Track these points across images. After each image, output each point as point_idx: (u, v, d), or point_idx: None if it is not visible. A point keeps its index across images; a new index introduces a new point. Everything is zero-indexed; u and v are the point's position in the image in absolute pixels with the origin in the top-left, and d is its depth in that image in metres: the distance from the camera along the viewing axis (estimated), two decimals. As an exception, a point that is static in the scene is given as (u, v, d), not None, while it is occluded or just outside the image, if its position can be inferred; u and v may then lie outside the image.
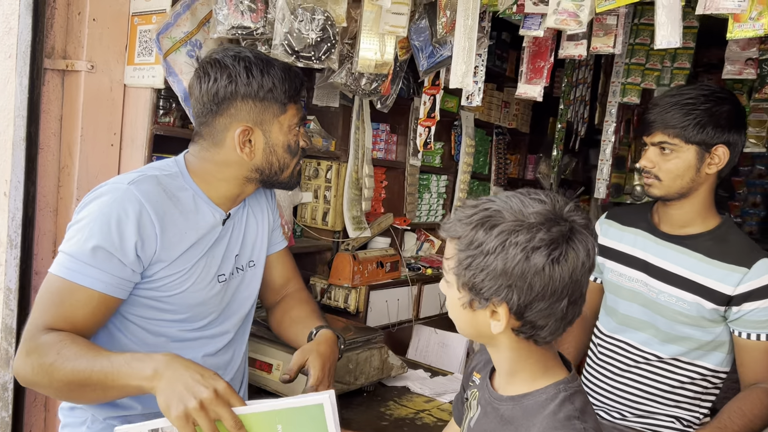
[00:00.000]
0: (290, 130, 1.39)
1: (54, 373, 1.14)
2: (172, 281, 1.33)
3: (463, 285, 0.98)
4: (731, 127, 1.58)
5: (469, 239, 0.96)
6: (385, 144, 2.89)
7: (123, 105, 1.90)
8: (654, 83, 3.22)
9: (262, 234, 1.56)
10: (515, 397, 1.04)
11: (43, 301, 1.21)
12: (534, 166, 4.33)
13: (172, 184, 1.34)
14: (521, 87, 2.20)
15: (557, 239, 0.94)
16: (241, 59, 1.33)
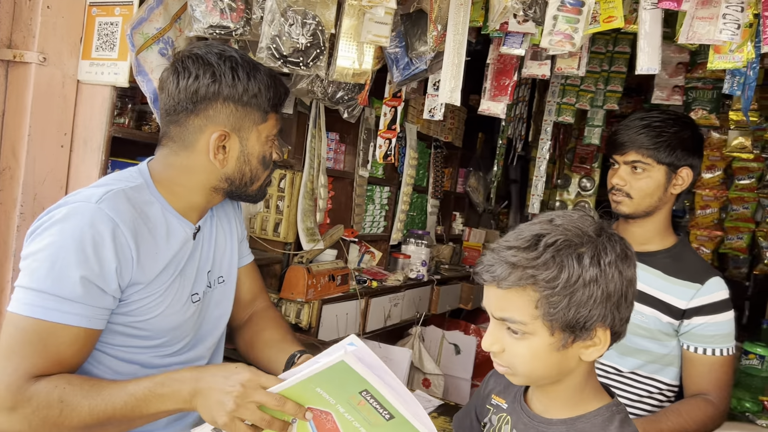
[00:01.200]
0: (267, 141, 1.31)
1: (65, 422, 1.03)
2: (146, 305, 1.21)
3: (563, 327, 0.94)
4: (694, 151, 1.69)
5: (559, 278, 0.92)
6: (334, 153, 2.82)
7: (75, 103, 1.73)
8: (588, 104, 3.36)
9: (231, 247, 1.46)
10: (567, 420, 1.03)
11: (18, 347, 1.06)
12: (464, 180, 4.40)
13: (138, 198, 1.22)
14: (485, 103, 2.22)
15: (619, 242, 0.97)
16: (227, 58, 1.23)
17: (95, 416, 1.05)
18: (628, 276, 0.97)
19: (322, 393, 1.04)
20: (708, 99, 3.12)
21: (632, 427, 1.01)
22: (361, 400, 1.01)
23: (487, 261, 0.97)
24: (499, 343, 0.98)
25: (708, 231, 4.01)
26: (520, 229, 0.99)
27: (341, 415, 1.05)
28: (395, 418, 1.02)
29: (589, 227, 0.97)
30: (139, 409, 1.07)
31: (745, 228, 3.92)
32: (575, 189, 4.61)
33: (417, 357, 3.24)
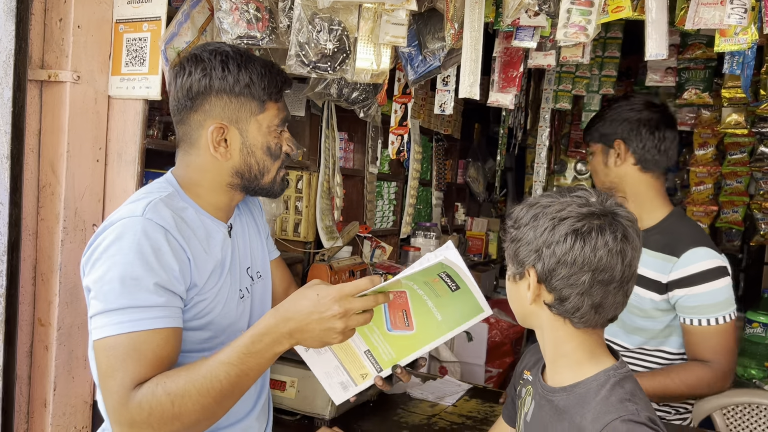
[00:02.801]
0: (270, 131, 1.32)
1: (183, 411, 1.08)
2: (206, 306, 1.27)
3: (510, 258, 1.12)
4: (626, 122, 1.80)
5: (513, 218, 1.11)
6: (343, 152, 2.89)
7: (108, 118, 1.78)
8: (584, 90, 3.45)
9: (261, 243, 1.52)
10: (567, 388, 1.10)
11: (118, 363, 1.10)
12: (463, 171, 4.48)
13: (174, 205, 1.27)
14: (493, 95, 2.29)
15: (586, 216, 1.03)
16: (219, 53, 1.28)
17: (206, 396, 1.09)
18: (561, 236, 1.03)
19: (407, 282, 1.15)
20: (700, 79, 3.23)
21: (625, 389, 1.05)
22: (437, 279, 1.14)
23: None
24: None
25: (704, 207, 4.13)
26: None
27: (414, 291, 1.17)
28: (460, 289, 1.15)
29: (597, 206, 1.05)
30: (243, 374, 1.11)
31: (739, 201, 4.03)
32: (571, 174, 4.71)
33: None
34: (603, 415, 1.00)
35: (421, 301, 1.18)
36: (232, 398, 1.14)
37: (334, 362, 1.25)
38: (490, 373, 3.81)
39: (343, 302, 1.10)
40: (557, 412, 1.09)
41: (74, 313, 1.72)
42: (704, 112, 3.96)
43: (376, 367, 1.23)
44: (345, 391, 1.26)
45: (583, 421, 1.02)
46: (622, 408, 1.00)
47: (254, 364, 1.13)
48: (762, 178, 3.95)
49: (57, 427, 1.70)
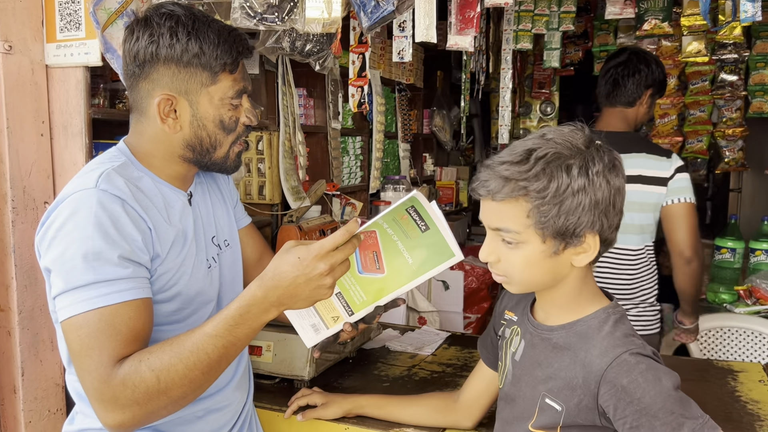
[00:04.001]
0: (223, 104, 1.23)
1: (169, 386, 1.05)
2: (172, 276, 1.22)
3: (554, 234, 1.01)
4: None
5: (548, 188, 0.98)
6: (303, 109, 2.81)
7: (48, 89, 1.68)
8: (544, 28, 3.39)
9: (226, 211, 1.47)
10: (566, 326, 1.11)
11: (92, 341, 1.05)
12: (429, 120, 4.42)
13: (128, 175, 1.20)
14: (452, 38, 2.22)
15: (607, 153, 1.04)
16: (169, 17, 1.18)
17: (193, 369, 1.06)
18: (616, 185, 1.04)
19: (378, 220, 1.14)
20: (659, 8, 3.18)
21: (626, 326, 1.09)
22: (405, 215, 1.13)
23: (483, 177, 1.04)
24: (495, 253, 1.07)
25: (669, 138, 4.14)
26: (514, 146, 1.05)
27: (384, 230, 1.15)
28: (430, 230, 1.13)
29: (579, 140, 1.03)
30: (231, 343, 1.08)
31: (703, 130, 4.06)
32: (537, 115, 4.68)
33: (410, 298, 3.32)
34: (611, 349, 1.02)
35: (392, 242, 1.16)
36: (219, 369, 1.12)
37: None
38: (469, 319, 3.85)
39: (326, 259, 1.07)
40: (555, 348, 1.10)
41: (34, 295, 1.66)
42: (665, 42, 3.94)
43: (348, 311, 1.21)
44: (317, 333, 1.24)
45: (589, 356, 1.04)
46: (629, 342, 1.03)
47: (242, 335, 1.10)
48: (724, 105, 3.97)
49: (30, 412, 1.66)
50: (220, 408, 1.36)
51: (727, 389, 1.68)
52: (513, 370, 1.18)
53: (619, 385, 0.99)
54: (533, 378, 1.13)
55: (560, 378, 1.07)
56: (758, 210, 4.13)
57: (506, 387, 1.20)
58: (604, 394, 1.01)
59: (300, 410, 1.54)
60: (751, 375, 1.77)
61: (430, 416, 1.45)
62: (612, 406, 1.00)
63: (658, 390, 0.97)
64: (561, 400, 1.07)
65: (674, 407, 0.97)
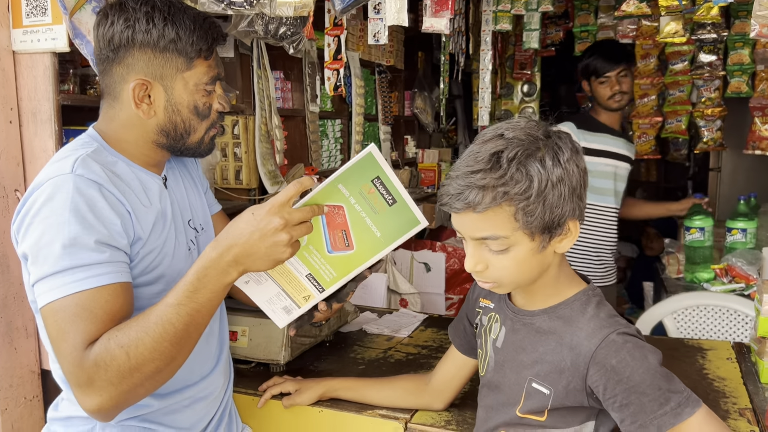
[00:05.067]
0: (198, 89, 1.24)
1: (140, 361, 1.04)
2: (153, 260, 1.22)
3: (542, 230, 1.02)
4: None
5: (531, 187, 0.98)
6: (281, 92, 2.79)
7: (15, 75, 1.66)
8: (523, 8, 3.37)
9: (199, 196, 1.47)
10: (548, 310, 1.12)
11: (68, 325, 1.05)
12: (410, 102, 4.41)
13: (103, 160, 1.20)
14: (427, 21, 2.21)
15: (567, 137, 1.06)
16: (145, 2, 1.19)
17: (161, 341, 1.05)
18: (582, 167, 1.06)
19: (342, 188, 1.14)
20: (638, -12, 3.17)
21: (608, 307, 1.12)
22: (372, 188, 1.13)
23: (453, 190, 1.01)
24: (482, 262, 1.06)
25: (649, 118, 4.17)
26: (474, 151, 1.03)
27: (352, 206, 1.15)
28: (397, 203, 1.15)
29: (538, 131, 1.04)
30: (195, 311, 1.07)
31: (682, 110, 4.08)
32: (518, 96, 4.68)
33: (392, 280, 3.34)
34: (598, 330, 1.05)
35: (360, 218, 1.17)
36: (190, 339, 1.10)
37: (275, 289, 1.24)
38: (451, 300, 3.88)
39: (280, 213, 1.06)
40: (539, 332, 1.12)
41: (7, 283, 1.65)
42: (645, 23, 3.94)
43: (318, 288, 1.23)
44: (288, 314, 1.25)
45: (576, 338, 1.06)
46: (614, 323, 1.06)
47: (205, 300, 1.09)
48: (703, 85, 3.99)
49: (5, 400, 1.66)
50: (206, 396, 1.37)
51: (695, 367, 1.71)
52: (495, 356, 1.19)
53: (609, 365, 1.01)
54: (518, 363, 1.14)
55: (546, 362, 1.09)
56: (736, 190, 4.17)
57: (489, 374, 1.21)
58: (594, 375, 1.03)
59: (274, 398, 1.55)
60: (719, 353, 1.80)
61: (403, 398, 1.47)
62: (602, 386, 1.02)
63: (645, 367, 1.00)
64: (549, 384, 1.08)
65: (661, 383, 1.00)
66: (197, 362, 1.34)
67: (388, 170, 1.14)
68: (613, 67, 2.64)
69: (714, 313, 2.97)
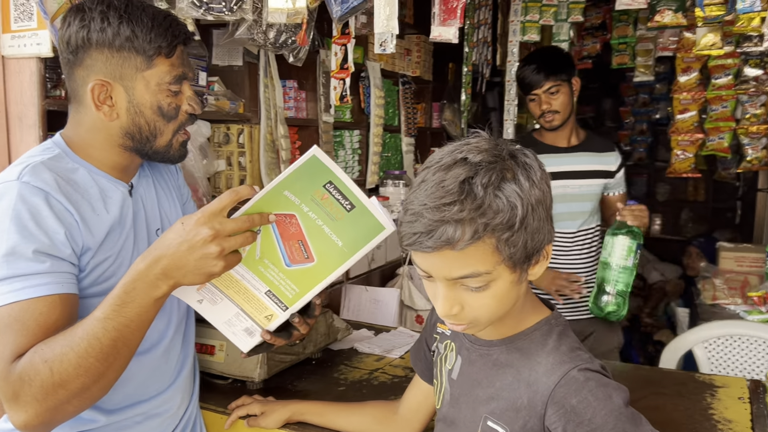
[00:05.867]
0: (161, 89, 1.20)
1: (63, 377, 1.00)
2: (106, 269, 1.18)
3: (524, 259, 0.91)
4: (570, 62, 2.42)
5: (515, 215, 0.87)
6: (294, 102, 2.76)
7: (4, 80, 1.67)
8: (552, 19, 3.27)
9: (175, 206, 1.42)
10: (506, 340, 1.02)
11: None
12: (439, 114, 4.33)
13: (60, 167, 1.17)
14: (435, 29, 2.14)
15: (531, 156, 0.95)
16: (101, 2, 1.15)
17: (86, 357, 1.00)
18: (549, 185, 0.95)
19: (289, 195, 1.07)
20: (672, -2, 3.02)
21: (571, 338, 1.01)
22: (325, 194, 1.07)
23: (424, 226, 0.87)
24: (458, 304, 0.92)
25: (689, 135, 3.95)
26: (437, 181, 0.88)
27: (305, 214, 1.09)
28: (356, 208, 1.07)
29: (502, 149, 0.92)
30: (123, 325, 1.02)
31: (725, 127, 3.85)
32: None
33: (407, 295, 3.25)
34: (557, 366, 0.94)
35: (316, 226, 1.10)
36: (119, 356, 1.04)
37: (233, 309, 1.16)
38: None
39: (211, 223, 1.00)
40: (496, 365, 1.02)
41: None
42: (687, 34, 3.76)
43: (281, 306, 1.15)
44: (251, 336, 1.18)
45: (534, 374, 0.96)
46: (576, 357, 0.96)
47: (133, 315, 1.03)
48: (748, 101, 3.76)
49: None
50: (160, 413, 1.32)
51: (701, 406, 1.57)
52: (450, 389, 1.10)
53: (569, 405, 0.91)
54: (473, 398, 1.04)
55: (503, 398, 0.99)
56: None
57: (444, 408, 1.12)
58: (552, 416, 0.93)
59: (241, 419, 1.49)
60: (731, 391, 1.65)
61: (370, 426, 1.38)
62: (561, 428, 0.92)
63: (609, 408, 0.90)
64: (504, 423, 0.98)
65: (626, 426, 0.89)
66: (153, 378, 1.30)
67: (339, 173, 1.07)
68: (540, 83, 2.28)
69: (748, 344, 2.77)
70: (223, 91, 2.37)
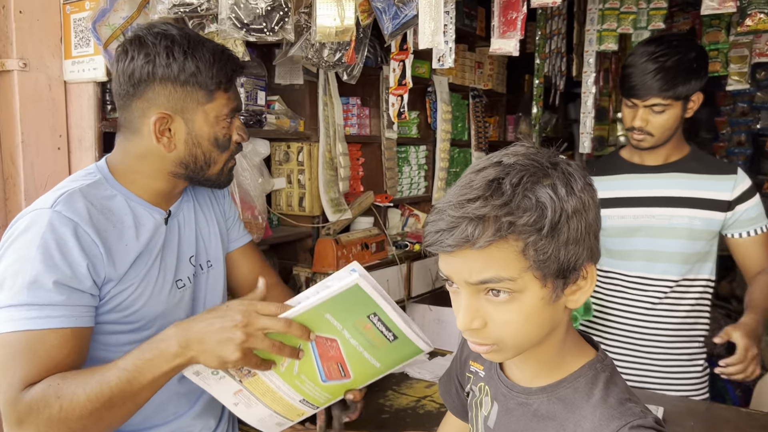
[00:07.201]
0: (218, 122, 1.24)
1: (69, 415, 1.03)
2: (126, 298, 1.19)
3: (556, 273, 0.81)
4: (702, 71, 1.74)
5: (543, 217, 0.78)
6: (357, 119, 2.74)
7: (66, 104, 1.74)
8: (631, 27, 3.08)
9: (215, 231, 1.42)
10: (547, 388, 0.90)
11: (10, 362, 1.05)
12: (513, 127, 4.20)
13: (97, 194, 1.19)
14: (495, 42, 2.06)
15: (578, 169, 0.85)
16: (165, 37, 1.18)
17: (94, 401, 1.03)
18: (597, 202, 0.85)
19: (330, 319, 1.07)
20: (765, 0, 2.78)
21: (620, 386, 0.88)
22: (368, 324, 1.07)
23: (443, 224, 0.80)
24: (480, 317, 0.82)
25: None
26: (467, 179, 0.83)
27: (346, 341, 1.09)
28: (398, 339, 1.08)
29: (543, 158, 0.83)
30: (135, 381, 1.05)
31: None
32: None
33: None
34: (606, 422, 0.83)
35: (357, 352, 1.12)
36: (123, 408, 1.07)
37: (267, 411, 1.23)
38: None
39: (248, 312, 1.05)
40: (537, 416, 0.91)
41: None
42: (787, 39, 3.45)
43: (313, 408, 1.23)
44: (280, 426, 1.27)
45: (579, 429, 0.85)
46: (626, 411, 0.83)
47: (148, 375, 1.06)
48: None
49: None
50: None
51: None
52: None
53: None
54: None
55: None
56: None
57: None
58: None
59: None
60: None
61: None
62: None
63: None
64: None
65: None
66: (171, 402, 1.31)
67: (383, 303, 1.05)
68: (647, 95, 1.70)
69: None
70: (284, 109, 2.39)
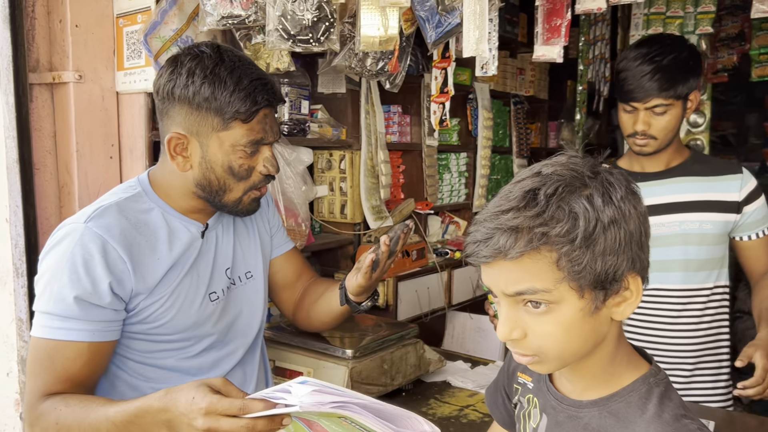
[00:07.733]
0: (234, 150, 1.21)
1: None
2: (156, 310, 1.22)
3: (593, 284, 0.80)
4: (698, 70, 1.67)
5: (576, 228, 0.78)
6: (398, 126, 2.75)
7: (118, 114, 1.79)
8: (677, 31, 3.03)
9: (255, 243, 1.43)
10: (598, 402, 0.89)
11: (34, 367, 1.12)
12: (556, 134, 4.16)
13: (134, 207, 1.22)
14: (539, 49, 2.05)
15: (622, 177, 0.83)
16: (194, 57, 1.19)
17: None
18: (642, 210, 0.83)
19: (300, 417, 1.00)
20: (819, 3, 2.69)
21: (674, 401, 0.86)
22: (344, 421, 0.98)
23: (479, 236, 0.81)
24: (519, 327, 0.83)
25: None
26: (506, 190, 0.84)
27: (327, 425, 1.03)
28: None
29: (584, 167, 0.83)
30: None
31: None
32: (684, 127, 4.20)
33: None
34: None
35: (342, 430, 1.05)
36: None
37: None
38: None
39: (208, 419, 0.95)
40: (587, 430, 0.90)
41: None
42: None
43: None
44: None
45: None
46: (682, 428, 0.82)
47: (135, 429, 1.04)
48: None
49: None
50: None
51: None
52: None
53: None
54: None
55: None
56: None
57: None
58: None
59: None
60: None
61: None
62: None
63: None
64: None
65: None
66: None
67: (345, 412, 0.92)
68: (647, 97, 1.61)
69: None
70: (327, 118, 2.42)
